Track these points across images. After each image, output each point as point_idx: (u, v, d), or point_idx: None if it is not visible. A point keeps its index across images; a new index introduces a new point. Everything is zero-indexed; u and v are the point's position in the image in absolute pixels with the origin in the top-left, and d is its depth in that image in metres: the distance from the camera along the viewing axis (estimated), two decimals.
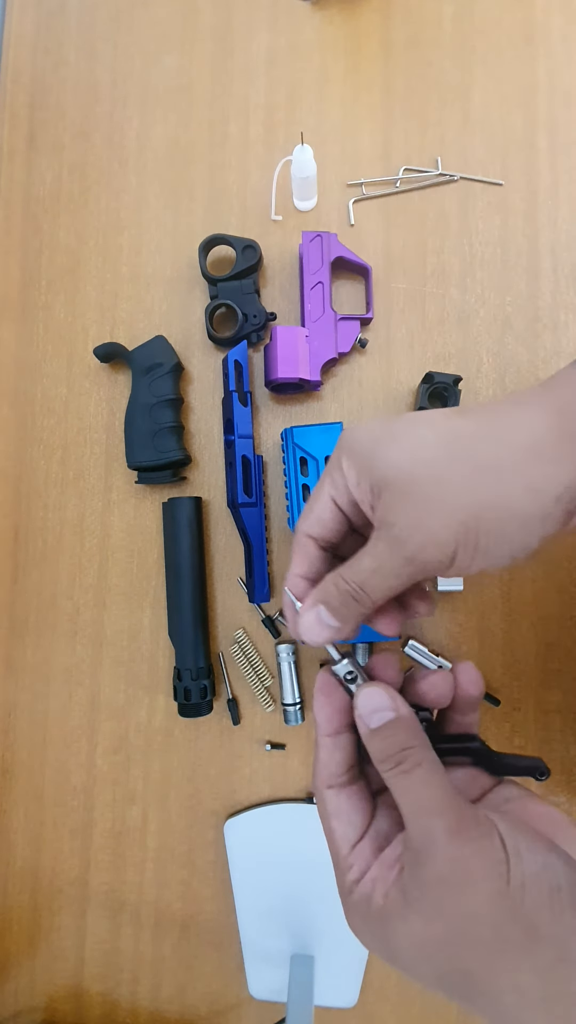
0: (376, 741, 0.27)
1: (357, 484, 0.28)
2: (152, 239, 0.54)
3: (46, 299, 0.55)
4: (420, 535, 0.26)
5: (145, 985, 0.50)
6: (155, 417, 0.50)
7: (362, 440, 0.28)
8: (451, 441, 0.26)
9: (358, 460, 0.28)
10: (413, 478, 0.26)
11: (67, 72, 0.57)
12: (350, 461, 0.28)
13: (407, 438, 0.27)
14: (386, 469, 0.27)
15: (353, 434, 0.29)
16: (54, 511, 0.53)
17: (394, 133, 0.53)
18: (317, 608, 0.28)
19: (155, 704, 0.51)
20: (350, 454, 0.28)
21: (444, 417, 0.28)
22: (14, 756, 0.52)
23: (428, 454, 0.26)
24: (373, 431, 0.29)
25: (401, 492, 0.26)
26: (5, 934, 0.52)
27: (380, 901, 0.25)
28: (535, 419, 0.26)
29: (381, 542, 0.27)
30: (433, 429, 0.27)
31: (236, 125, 0.54)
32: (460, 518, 0.25)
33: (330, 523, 0.30)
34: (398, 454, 0.27)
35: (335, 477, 0.29)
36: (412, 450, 0.27)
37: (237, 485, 0.47)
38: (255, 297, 0.51)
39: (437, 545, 0.25)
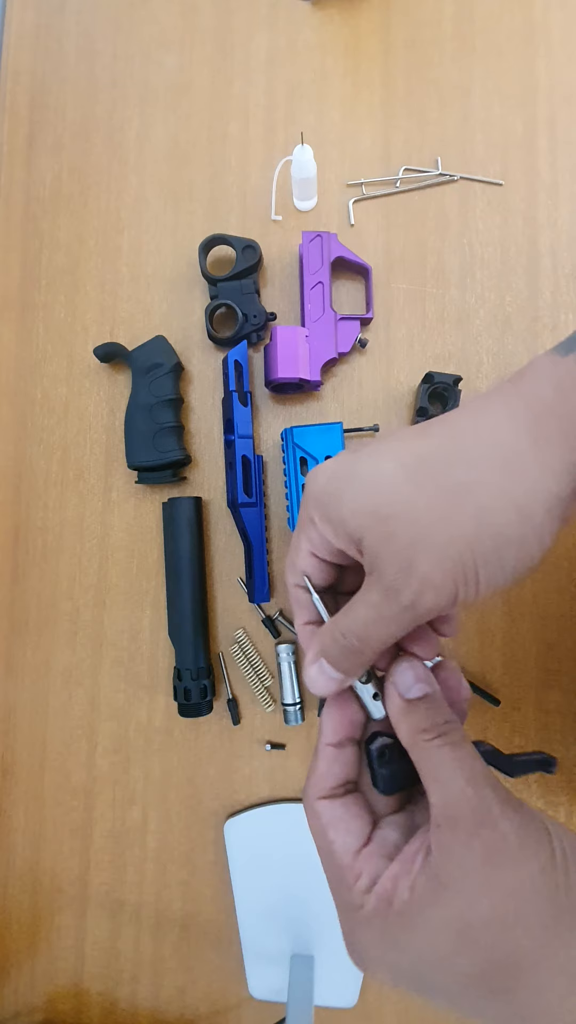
0: (416, 712, 0.26)
1: (335, 536, 0.26)
2: (152, 239, 0.54)
3: (46, 299, 0.55)
4: (414, 582, 0.23)
5: (145, 985, 0.50)
6: (155, 417, 0.50)
7: (324, 487, 0.26)
8: (417, 469, 0.24)
9: (327, 511, 0.26)
10: (389, 519, 0.24)
11: (67, 72, 0.57)
12: (319, 513, 0.26)
13: (369, 476, 0.25)
14: (358, 516, 0.24)
15: (316, 479, 0.27)
16: (54, 511, 0.53)
17: (394, 133, 0.53)
18: (319, 662, 0.27)
19: (155, 704, 0.51)
20: (317, 505, 0.26)
21: (406, 441, 0.25)
22: (14, 756, 0.52)
23: (396, 490, 0.24)
24: (335, 473, 0.26)
25: (381, 537, 0.24)
26: (5, 934, 0.52)
27: (406, 895, 0.23)
28: (504, 426, 0.24)
29: (374, 592, 0.25)
30: (395, 458, 0.25)
31: (236, 125, 0.54)
32: (451, 556, 0.23)
33: (316, 573, 0.28)
34: (365, 497, 0.25)
35: (309, 533, 0.27)
36: (378, 489, 0.24)
37: (237, 485, 0.47)
38: (255, 297, 0.51)
39: (435, 589, 0.23)
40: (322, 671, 0.27)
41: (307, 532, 0.28)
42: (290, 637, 0.50)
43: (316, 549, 0.28)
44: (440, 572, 0.23)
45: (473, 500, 0.23)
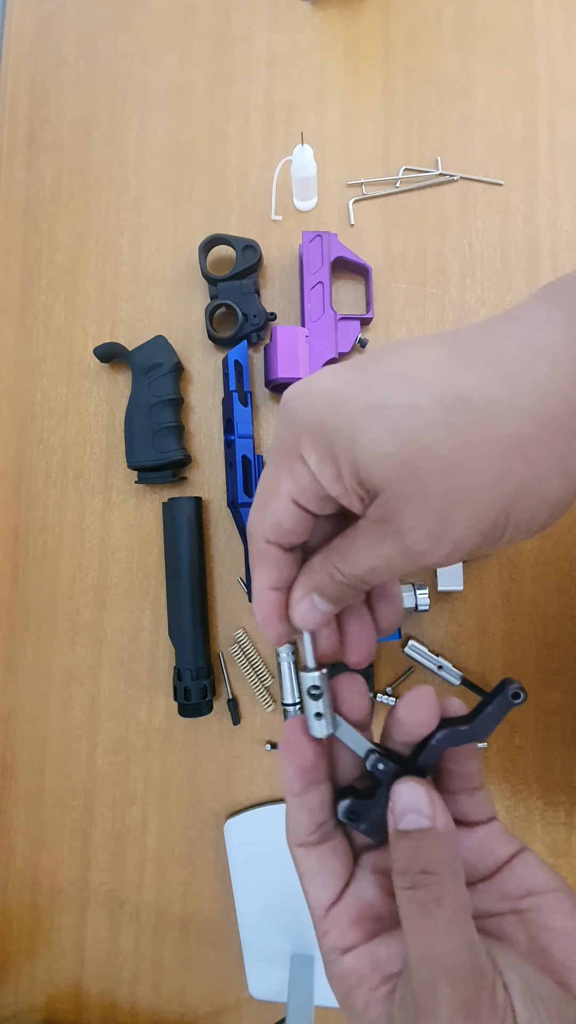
0: (400, 846, 0.22)
1: (335, 480, 0.21)
2: (152, 239, 0.54)
3: (46, 299, 0.55)
4: (444, 546, 0.21)
5: (145, 985, 0.50)
6: (155, 417, 0.50)
7: (327, 415, 0.21)
8: (460, 413, 0.20)
9: (333, 447, 0.21)
10: (425, 475, 0.20)
11: (67, 72, 0.57)
12: (319, 448, 0.21)
13: (398, 412, 0.20)
14: (380, 465, 0.20)
15: (310, 403, 0.22)
16: (54, 511, 0.53)
17: (394, 133, 0.53)
18: (311, 597, 0.24)
19: (155, 704, 0.51)
20: (316, 437, 0.21)
21: (440, 366, 0.20)
22: (14, 756, 0.52)
23: (436, 439, 0.19)
24: (343, 398, 0.21)
25: (410, 493, 0.20)
26: (5, 934, 0.52)
27: (360, 1006, 0.22)
28: (563, 368, 0.20)
29: (388, 544, 0.21)
30: (432, 393, 0.20)
31: (236, 125, 0.54)
32: (489, 515, 0.20)
33: (293, 525, 0.24)
34: (391, 441, 0.20)
35: (297, 472, 0.22)
36: (412, 432, 0.20)
37: (237, 485, 0.47)
38: (255, 297, 0.51)
39: (459, 547, 0.21)
40: (314, 607, 0.24)
41: (293, 470, 0.22)
42: None
43: (301, 494, 0.23)
44: (472, 533, 0.20)
45: (524, 460, 0.20)
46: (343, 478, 0.21)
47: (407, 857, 0.22)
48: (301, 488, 0.22)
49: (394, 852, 0.22)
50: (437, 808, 0.22)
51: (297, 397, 0.22)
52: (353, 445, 0.20)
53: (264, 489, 0.24)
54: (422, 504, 0.20)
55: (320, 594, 0.24)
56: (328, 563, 0.24)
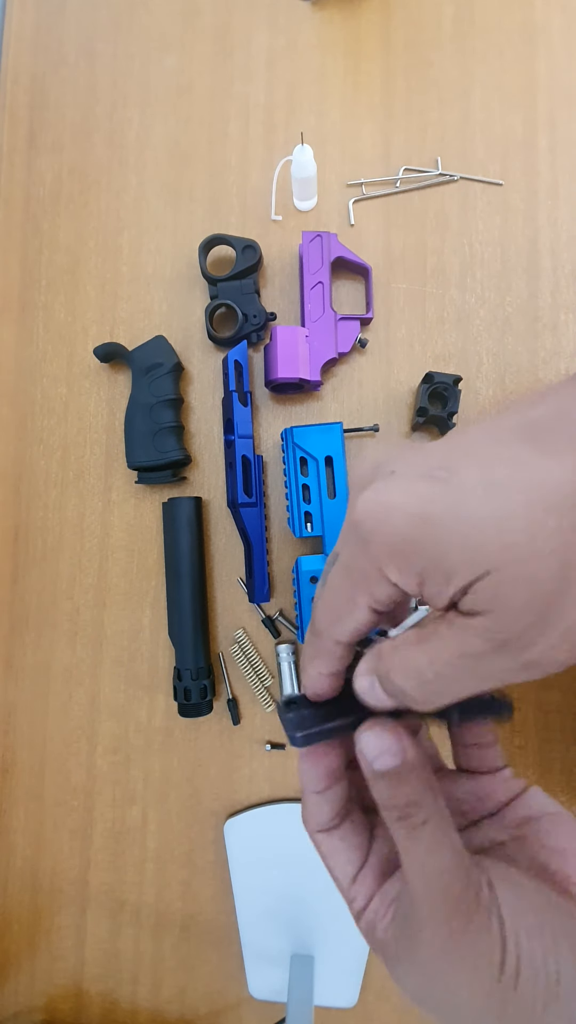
0: (381, 787, 0.24)
1: (419, 586, 0.21)
2: (152, 239, 0.54)
3: (46, 299, 0.55)
4: (554, 635, 0.19)
5: (145, 985, 0.50)
6: (155, 417, 0.50)
7: (409, 535, 0.20)
8: (557, 505, 0.19)
9: (416, 564, 0.20)
10: (534, 557, 0.18)
11: (67, 72, 0.57)
12: (403, 567, 0.20)
13: (489, 516, 0.19)
14: (479, 555, 0.19)
15: (389, 525, 0.20)
16: (54, 511, 0.53)
17: (394, 133, 0.53)
18: (372, 681, 0.24)
19: (155, 704, 0.51)
20: (399, 558, 0.20)
21: (519, 464, 0.20)
22: (14, 756, 0.52)
23: (536, 526, 0.18)
24: (425, 513, 0.20)
25: (516, 579, 0.19)
26: (5, 934, 0.52)
27: (381, 936, 0.24)
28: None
29: (478, 639, 0.20)
30: (524, 496, 0.19)
31: (236, 125, 0.54)
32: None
33: (368, 627, 0.24)
34: (488, 535, 0.19)
35: (375, 589, 0.22)
36: (507, 526, 0.19)
37: (237, 485, 0.47)
38: (255, 297, 0.51)
39: (573, 645, 0.20)
40: (373, 691, 0.24)
41: (372, 588, 0.22)
42: (290, 637, 0.50)
43: (379, 604, 0.22)
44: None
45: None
46: (426, 586, 0.20)
47: (389, 794, 0.24)
48: (380, 600, 0.22)
49: (376, 792, 0.24)
50: (405, 741, 0.24)
51: (372, 517, 0.21)
52: (443, 558, 0.19)
53: (337, 600, 0.23)
54: (529, 588, 0.19)
55: (384, 685, 0.23)
56: (398, 653, 0.23)
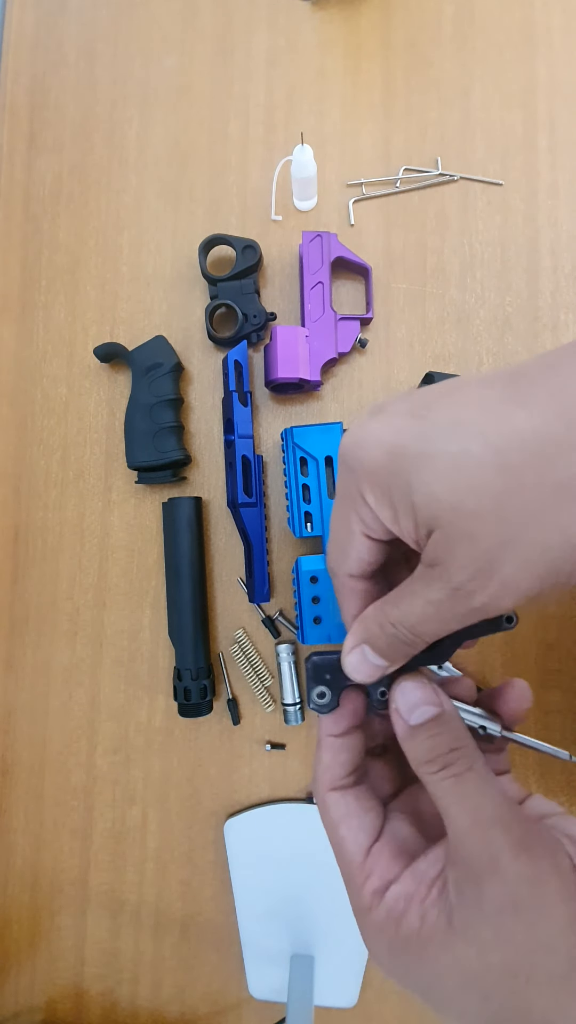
0: (419, 739, 0.23)
1: (394, 520, 0.22)
2: (152, 239, 0.54)
3: (46, 299, 0.55)
4: (493, 585, 0.20)
5: (145, 985, 0.50)
6: (155, 417, 0.50)
7: (385, 462, 0.22)
8: (514, 457, 0.19)
9: (390, 493, 0.22)
10: (473, 517, 0.20)
11: (67, 72, 0.57)
12: (378, 492, 0.22)
13: (449, 460, 0.20)
14: (432, 506, 0.20)
15: (369, 450, 0.22)
16: (54, 511, 0.53)
17: (394, 133, 0.53)
18: (362, 648, 0.24)
19: (155, 704, 0.51)
20: (374, 482, 0.22)
21: (494, 410, 0.20)
22: (14, 756, 0.52)
23: (486, 483, 0.19)
24: (398, 447, 0.21)
25: (459, 535, 0.20)
26: (5, 934, 0.52)
27: (416, 924, 0.21)
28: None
29: (436, 588, 0.21)
30: (484, 439, 0.20)
31: (236, 125, 0.54)
32: (545, 560, 0.20)
33: (371, 556, 0.25)
34: (444, 486, 0.20)
35: (362, 513, 0.23)
36: (462, 478, 0.20)
37: (237, 485, 0.47)
38: (255, 297, 0.51)
39: (515, 593, 0.21)
40: (364, 659, 0.24)
41: (359, 512, 0.24)
42: (290, 637, 0.50)
43: (370, 531, 0.24)
44: (527, 577, 0.20)
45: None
46: (399, 520, 0.22)
47: (431, 746, 0.23)
48: (369, 525, 0.24)
49: (414, 749, 0.23)
50: (440, 695, 0.24)
51: (355, 445, 0.23)
52: (408, 491, 0.21)
53: (337, 531, 0.25)
54: (472, 544, 0.20)
55: (371, 646, 0.24)
56: (380, 612, 0.24)
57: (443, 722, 0.23)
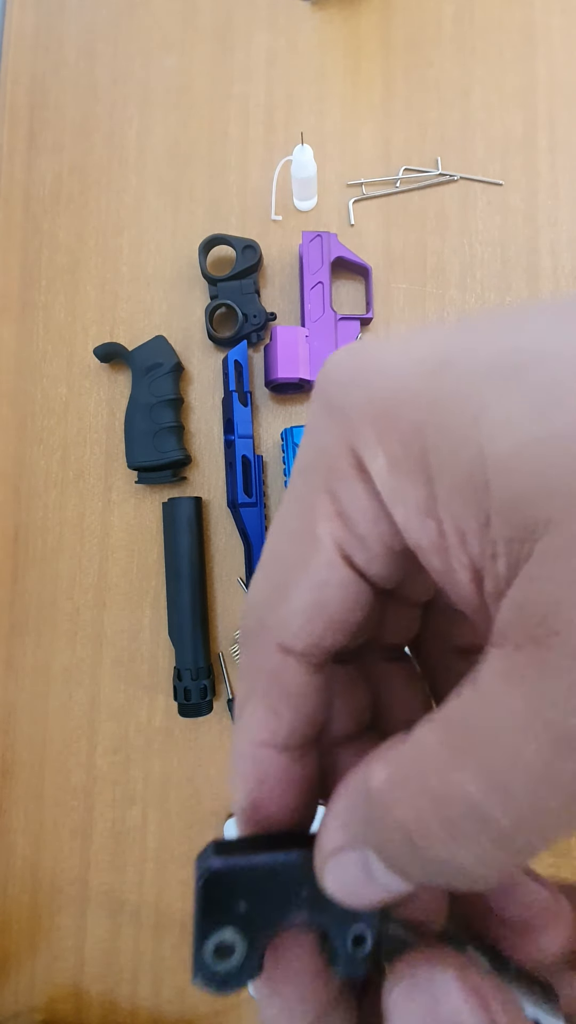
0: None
1: (428, 509, 0.11)
2: (152, 239, 0.54)
3: (46, 299, 0.55)
4: None
5: (145, 985, 0.50)
6: (155, 417, 0.50)
7: (411, 387, 0.11)
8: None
9: (422, 445, 0.11)
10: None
11: (67, 72, 0.57)
12: (392, 449, 0.11)
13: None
14: (542, 478, 0.09)
15: (374, 377, 0.12)
16: (54, 511, 0.53)
17: (394, 133, 0.53)
18: (364, 854, 0.11)
19: (155, 704, 0.51)
20: (386, 429, 0.11)
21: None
22: (14, 756, 0.52)
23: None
24: (443, 359, 0.11)
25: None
26: (5, 934, 0.52)
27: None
28: None
29: (557, 696, 0.09)
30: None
31: (236, 125, 0.54)
32: None
33: (341, 605, 0.12)
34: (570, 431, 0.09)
35: (347, 495, 0.12)
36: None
37: (237, 485, 0.47)
38: (255, 297, 0.51)
39: None
40: (369, 874, 0.11)
41: (338, 494, 0.12)
42: None
43: (354, 541, 0.12)
44: None
45: None
46: (443, 509, 0.10)
47: None
48: (354, 527, 0.12)
49: None
50: (497, 1013, 0.11)
51: (350, 369, 0.12)
52: (475, 441, 0.10)
53: (280, 547, 0.13)
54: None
55: (387, 852, 0.11)
56: (408, 780, 0.11)
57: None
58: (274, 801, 0.13)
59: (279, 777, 0.13)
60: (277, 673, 0.13)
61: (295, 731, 0.13)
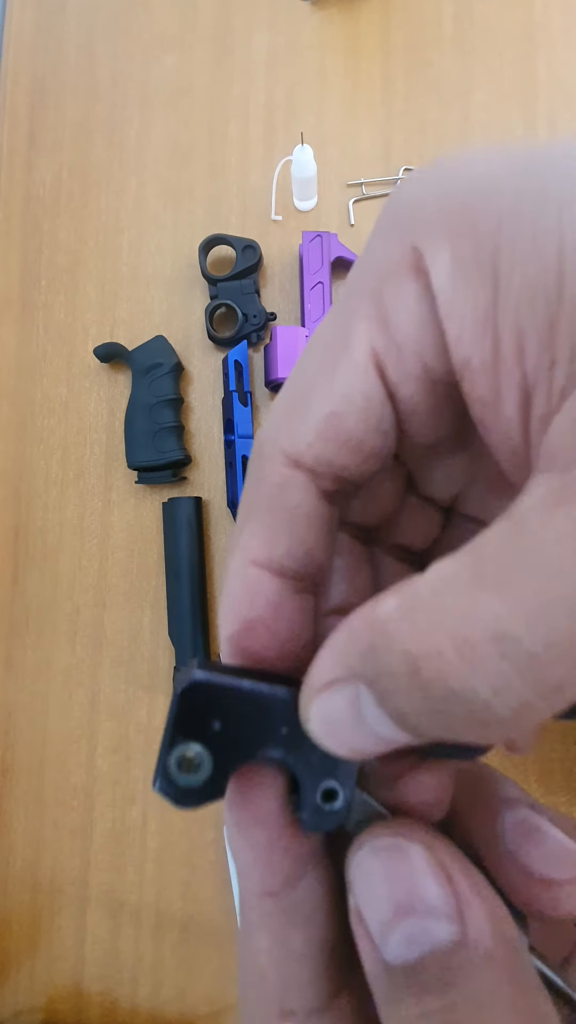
0: (405, 1015, 0.10)
1: (481, 318, 0.10)
2: (152, 239, 0.54)
3: (46, 299, 0.55)
4: None
5: (145, 985, 0.50)
6: (155, 417, 0.50)
7: (482, 190, 0.10)
8: None
9: (491, 243, 0.10)
10: None
11: (67, 72, 0.57)
12: (458, 244, 0.10)
13: None
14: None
15: (451, 181, 0.11)
16: (54, 511, 0.53)
17: (394, 133, 0.53)
18: (357, 690, 0.10)
19: (155, 704, 0.51)
20: (459, 223, 0.10)
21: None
22: (14, 756, 0.52)
23: None
24: (514, 166, 0.10)
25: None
26: (5, 934, 0.52)
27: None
28: None
29: None
30: None
31: (236, 125, 0.54)
32: None
33: (364, 423, 0.11)
34: None
35: (396, 296, 0.11)
36: None
37: (237, 485, 0.47)
38: (255, 297, 0.51)
39: None
40: (358, 715, 0.10)
41: (384, 298, 0.11)
42: None
43: (393, 351, 0.11)
44: None
45: None
46: (510, 309, 0.10)
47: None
48: (394, 332, 0.11)
49: (392, 1017, 0.10)
50: (462, 885, 0.10)
51: (413, 179, 0.12)
52: (560, 224, 0.09)
53: (308, 359, 0.12)
54: None
55: (381, 688, 0.10)
56: (425, 595, 0.09)
57: (466, 970, 0.10)
58: (264, 630, 0.12)
59: (271, 600, 0.12)
60: (282, 487, 0.12)
61: (292, 555, 0.12)
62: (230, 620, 0.12)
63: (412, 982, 0.10)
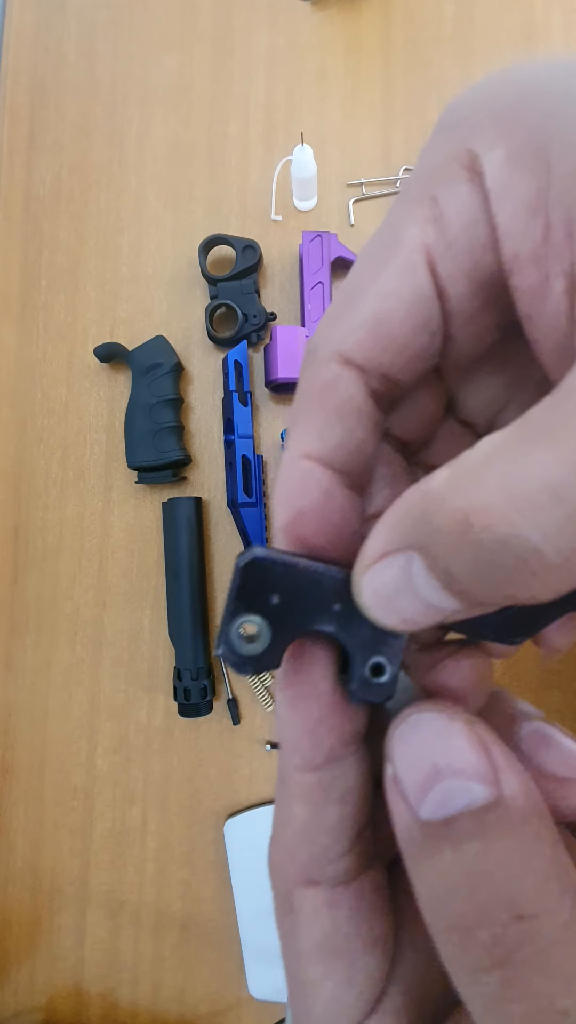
0: (437, 866, 0.10)
1: (534, 207, 0.10)
2: (152, 239, 0.54)
3: (46, 299, 0.55)
4: None
5: (145, 985, 0.50)
6: (155, 417, 0.50)
7: (535, 88, 0.11)
8: None
9: (545, 134, 0.10)
10: None
11: (67, 72, 0.57)
12: (515, 135, 0.11)
13: None
14: None
15: (502, 86, 0.12)
16: (54, 511, 0.53)
17: (394, 133, 0.53)
18: (409, 557, 0.11)
19: (155, 704, 0.51)
20: (509, 122, 0.11)
21: None
22: (14, 756, 0.52)
23: None
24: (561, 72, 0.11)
25: None
26: (5, 934, 0.52)
27: None
28: None
29: None
30: None
31: (236, 125, 0.54)
32: None
33: (415, 321, 0.12)
34: None
35: (450, 196, 0.11)
36: None
37: (237, 485, 0.47)
38: (255, 297, 0.51)
39: None
40: (411, 584, 0.11)
41: (439, 196, 0.11)
42: None
43: (445, 248, 0.11)
44: None
45: None
46: (561, 196, 0.10)
47: (459, 894, 0.10)
48: (447, 229, 0.11)
49: (422, 880, 0.11)
50: (495, 753, 0.11)
51: (467, 90, 0.12)
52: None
53: (362, 261, 0.12)
54: None
55: (434, 556, 0.10)
56: (474, 470, 0.10)
57: (501, 826, 0.10)
58: (315, 518, 0.13)
59: (322, 490, 0.13)
60: (333, 384, 0.12)
61: (343, 447, 0.13)
62: (284, 509, 0.13)
63: (448, 833, 0.10)
